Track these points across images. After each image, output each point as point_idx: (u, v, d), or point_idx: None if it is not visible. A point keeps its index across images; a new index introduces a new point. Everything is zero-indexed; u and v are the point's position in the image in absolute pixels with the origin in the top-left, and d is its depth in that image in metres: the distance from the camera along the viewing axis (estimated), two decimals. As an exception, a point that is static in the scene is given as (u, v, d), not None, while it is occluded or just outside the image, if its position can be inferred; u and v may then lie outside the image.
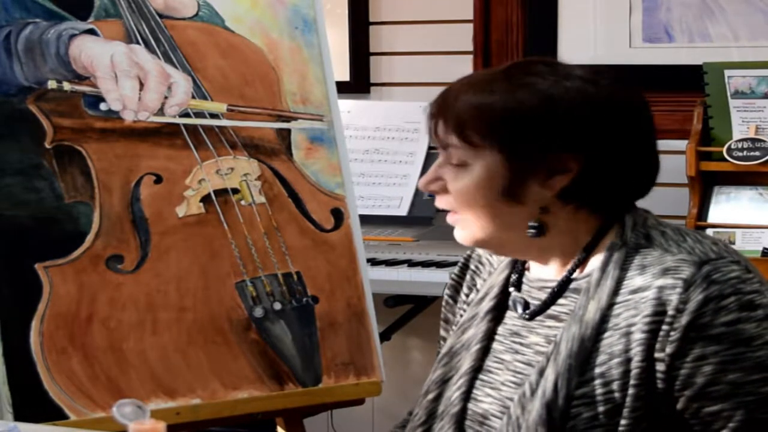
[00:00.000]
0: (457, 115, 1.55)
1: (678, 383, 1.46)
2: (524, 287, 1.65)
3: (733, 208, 3.01)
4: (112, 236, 2.13)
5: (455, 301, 1.77)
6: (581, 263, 1.58)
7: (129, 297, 2.13)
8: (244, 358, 2.21)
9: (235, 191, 2.26)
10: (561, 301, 1.58)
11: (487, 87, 1.55)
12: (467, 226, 1.59)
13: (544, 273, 1.63)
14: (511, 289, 1.66)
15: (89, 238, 2.11)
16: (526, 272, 1.66)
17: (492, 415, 1.58)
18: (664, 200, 3.38)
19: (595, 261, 1.56)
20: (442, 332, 1.79)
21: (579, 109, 1.53)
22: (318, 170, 2.36)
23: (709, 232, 2.97)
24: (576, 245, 1.58)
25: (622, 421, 1.46)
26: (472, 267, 1.76)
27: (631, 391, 1.46)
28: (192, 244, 2.19)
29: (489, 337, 1.64)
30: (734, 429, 1.45)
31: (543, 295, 1.61)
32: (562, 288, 1.59)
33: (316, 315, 2.29)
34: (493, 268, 1.72)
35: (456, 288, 1.78)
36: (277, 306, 2.26)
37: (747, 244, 2.93)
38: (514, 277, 1.67)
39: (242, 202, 2.26)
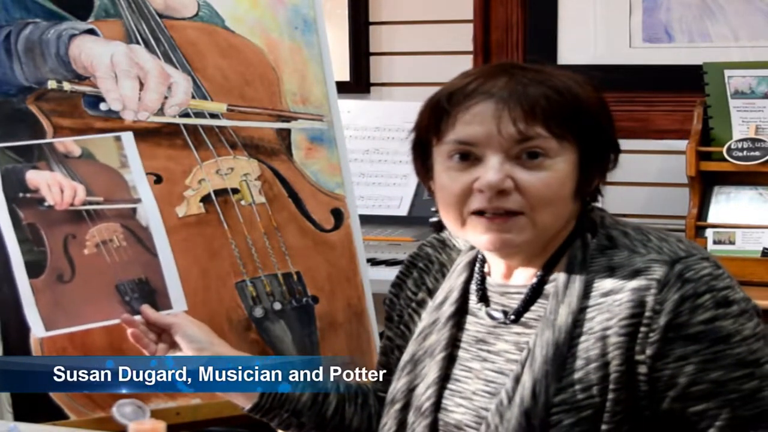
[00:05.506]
0: (540, 105, 1.48)
1: (661, 384, 1.45)
2: (488, 293, 1.62)
3: (733, 208, 3.01)
4: (112, 236, 2.13)
5: (399, 299, 1.74)
6: (551, 267, 1.55)
7: (129, 297, 2.13)
8: (244, 358, 2.21)
9: (235, 191, 2.25)
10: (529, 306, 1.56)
11: (548, 79, 1.51)
12: (524, 228, 1.50)
13: (503, 278, 1.60)
14: (477, 300, 1.62)
15: (89, 238, 2.11)
16: (488, 277, 1.62)
17: (466, 425, 1.55)
18: (664, 200, 3.38)
19: (561, 264, 1.54)
20: (387, 331, 1.76)
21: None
22: (318, 170, 2.36)
23: (709, 232, 2.97)
24: (547, 247, 1.55)
25: (603, 426, 1.45)
26: (420, 265, 1.72)
27: (611, 395, 1.45)
28: (192, 244, 2.19)
29: (452, 344, 1.61)
30: (721, 428, 1.44)
31: (506, 300, 1.58)
32: (535, 293, 1.55)
33: (316, 315, 2.29)
34: (446, 269, 1.69)
35: (400, 286, 1.74)
36: (277, 306, 2.25)
37: (747, 244, 2.93)
38: (476, 283, 1.63)
39: (242, 202, 2.26)
